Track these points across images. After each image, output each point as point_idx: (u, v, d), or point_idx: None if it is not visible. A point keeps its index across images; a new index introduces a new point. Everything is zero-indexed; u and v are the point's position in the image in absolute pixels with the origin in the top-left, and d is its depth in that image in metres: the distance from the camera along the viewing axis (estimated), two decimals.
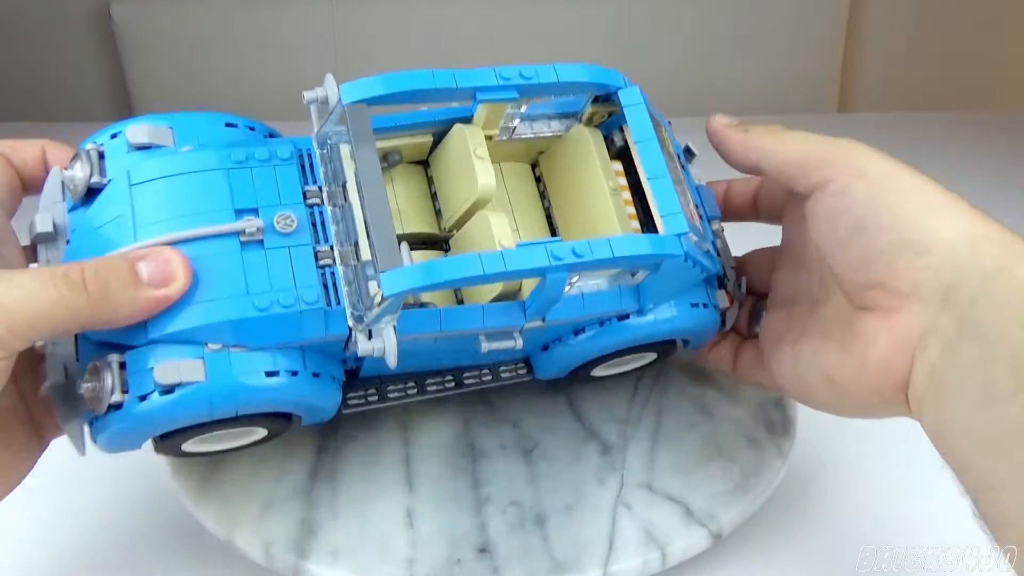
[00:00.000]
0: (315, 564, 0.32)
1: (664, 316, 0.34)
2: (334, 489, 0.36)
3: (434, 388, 0.36)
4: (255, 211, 0.29)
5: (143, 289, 0.26)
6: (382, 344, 0.28)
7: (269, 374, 0.28)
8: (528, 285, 0.32)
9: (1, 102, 1.08)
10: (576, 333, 0.35)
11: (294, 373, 0.29)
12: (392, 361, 0.28)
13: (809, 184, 0.31)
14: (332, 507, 0.35)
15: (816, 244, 0.31)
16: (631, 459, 0.37)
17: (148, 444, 0.31)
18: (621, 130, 0.36)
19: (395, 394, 0.35)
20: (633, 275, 0.33)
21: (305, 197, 0.30)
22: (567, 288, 0.31)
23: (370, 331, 0.29)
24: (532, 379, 0.37)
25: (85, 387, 0.27)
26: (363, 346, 0.28)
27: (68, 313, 0.24)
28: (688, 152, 0.38)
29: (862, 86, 1.19)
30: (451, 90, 0.30)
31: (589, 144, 0.35)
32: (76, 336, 0.29)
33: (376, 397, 0.35)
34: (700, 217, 0.36)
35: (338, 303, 0.29)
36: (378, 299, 0.27)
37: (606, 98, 0.35)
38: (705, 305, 0.35)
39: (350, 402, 0.34)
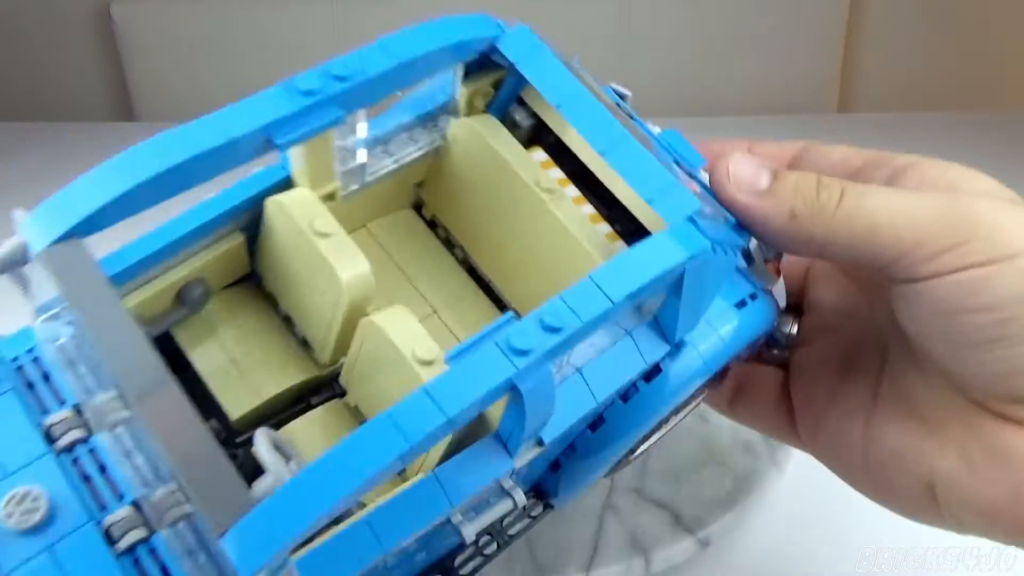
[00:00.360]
0: None
1: (710, 343, 0.23)
2: None
3: None
4: None
5: None
6: None
7: None
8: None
9: (1, 102, 1.08)
10: (594, 428, 0.23)
11: None
12: None
13: (913, 273, 0.21)
14: None
15: (920, 344, 0.23)
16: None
17: None
18: (522, 103, 0.25)
19: None
20: (640, 308, 0.23)
21: (50, 439, 0.18)
22: (556, 378, 0.20)
23: None
24: (553, 510, 0.26)
25: None
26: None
27: None
28: (619, 96, 0.26)
29: (862, 86, 1.19)
30: (220, 151, 0.18)
31: (484, 140, 0.24)
32: None
33: None
34: (691, 178, 0.24)
35: None
36: None
37: (484, 64, 0.23)
38: (753, 296, 0.24)
39: None
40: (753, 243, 0.24)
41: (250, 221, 0.23)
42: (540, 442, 0.20)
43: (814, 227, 0.21)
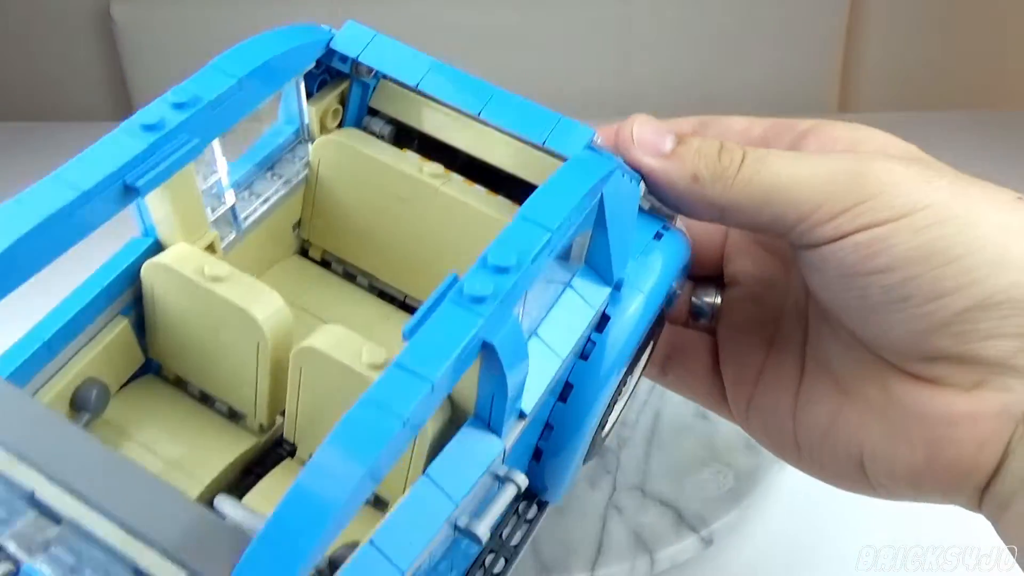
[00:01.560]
0: None
1: (644, 277, 0.22)
2: None
3: None
4: None
5: None
6: None
7: None
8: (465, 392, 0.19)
9: (1, 102, 1.08)
10: (564, 398, 0.22)
11: None
12: None
13: (813, 238, 0.21)
14: None
15: (828, 309, 0.23)
16: (625, 461, 0.37)
17: None
18: (374, 112, 0.24)
19: None
20: (569, 255, 0.21)
21: None
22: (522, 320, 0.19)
23: None
24: (548, 506, 0.25)
25: None
26: None
27: None
28: None
29: (862, 86, 1.19)
30: (72, 211, 0.17)
31: (354, 150, 0.23)
32: None
33: None
34: None
35: None
36: None
37: (324, 82, 0.23)
38: (666, 228, 0.24)
39: None
40: (643, 188, 0.23)
41: (130, 302, 0.20)
42: (522, 414, 0.19)
43: (715, 191, 0.21)
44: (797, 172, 0.21)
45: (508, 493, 0.19)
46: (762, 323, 0.26)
